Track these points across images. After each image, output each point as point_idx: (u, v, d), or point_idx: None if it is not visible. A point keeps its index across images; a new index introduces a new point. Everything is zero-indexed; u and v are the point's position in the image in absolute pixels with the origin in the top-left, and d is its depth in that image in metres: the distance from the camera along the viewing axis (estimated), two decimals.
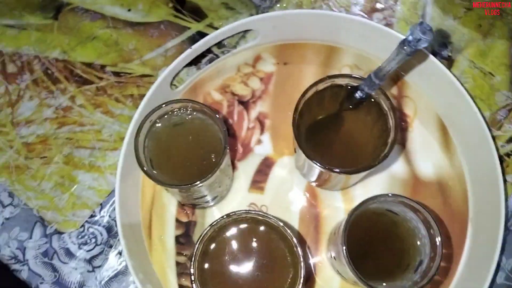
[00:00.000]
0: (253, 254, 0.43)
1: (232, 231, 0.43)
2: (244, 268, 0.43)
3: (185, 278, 0.52)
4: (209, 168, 0.41)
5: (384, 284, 0.42)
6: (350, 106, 0.46)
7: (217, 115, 0.43)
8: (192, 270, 0.40)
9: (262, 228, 0.43)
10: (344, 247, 0.39)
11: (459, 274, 0.50)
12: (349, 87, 0.45)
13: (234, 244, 0.43)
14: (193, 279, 0.39)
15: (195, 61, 0.58)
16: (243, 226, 0.43)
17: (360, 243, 0.44)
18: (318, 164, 0.42)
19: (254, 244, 0.43)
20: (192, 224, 0.53)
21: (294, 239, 0.40)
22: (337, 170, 0.42)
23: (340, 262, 0.44)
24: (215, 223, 0.41)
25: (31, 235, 0.54)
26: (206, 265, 0.42)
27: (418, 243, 0.43)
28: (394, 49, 0.39)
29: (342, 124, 0.47)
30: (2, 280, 0.54)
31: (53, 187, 0.55)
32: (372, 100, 0.45)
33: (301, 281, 0.39)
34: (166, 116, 0.45)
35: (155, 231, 0.53)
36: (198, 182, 0.41)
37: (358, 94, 0.44)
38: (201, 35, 0.60)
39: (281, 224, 0.40)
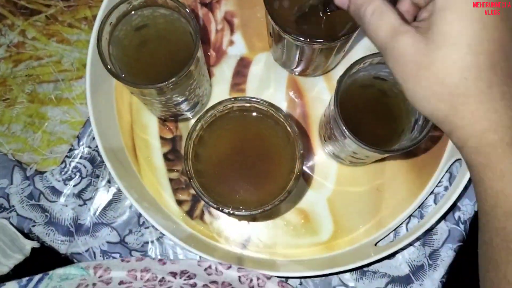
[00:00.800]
0: (246, 143, 0.41)
1: (221, 122, 0.41)
2: (240, 159, 0.41)
3: (181, 193, 0.50)
4: (184, 64, 0.38)
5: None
6: None
7: (183, 7, 0.39)
8: (187, 168, 0.38)
9: (251, 115, 0.41)
10: (337, 109, 0.37)
11: None
12: None
13: (226, 136, 0.41)
14: (189, 176, 0.37)
15: None
16: (231, 116, 0.41)
17: (353, 117, 0.42)
18: (294, 37, 0.39)
19: (247, 133, 0.41)
20: (177, 138, 0.51)
21: (287, 119, 0.38)
22: (317, 40, 0.39)
23: (335, 141, 0.43)
24: (202, 115, 0.38)
25: (11, 181, 0.51)
26: (200, 163, 0.40)
27: (410, 105, 0.42)
28: None
29: None
30: None
31: (23, 128, 0.52)
32: None
33: (300, 160, 0.38)
34: (126, 18, 0.41)
35: (141, 153, 0.51)
36: (175, 79, 0.38)
37: None
38: None
39: (271, 107, 0.38)
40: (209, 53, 0.53)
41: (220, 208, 0.37)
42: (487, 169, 0.26)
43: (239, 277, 0.46)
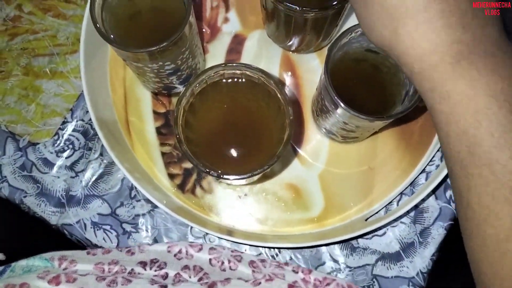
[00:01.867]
0: (236, 112, 0.41)
1: (212, 90, 0.41)
2: (230, 126, 0.41)
3: (173, 167, 0.50)
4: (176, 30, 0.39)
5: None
6: None
7: None
8: (177, 132, 0.38)
9: (242, 82, 0.41)
10: (327, 76, 0.37)
11: None
12: None
13: (216, 105, 0.41)
14: (180, 139, 0.37)
15: None
16: (221, 84, 0.41)
17: (344, 90, 0.42)
18: (287, 6, 0.39)
19: (237, 100, 0.41)
20: (171, 113, 0.51)
21: (278, 85, 0.38)
22: (309, 9, 0.40)
23: (327, 112, 0.43)
24: (192, 80, 0.38)
25: (4, 151, 0.51)
26: (190, 130, 0.40)
27: (402, 77, 0.42)
28: None
29: None
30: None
31: (17, 100, 0.52)
32: None
33: (290, 127, 0.38)
34: None
35: (134, 126, 0.51)
36: (166, 43, 0.38)
37: None
38: None
39: (262, 73, 0.39)
40: (204, 30, 0.53)
41: (210, 171, 0.37)
42: (434, 93, 0.26)
43: (210, 259, 0.45)
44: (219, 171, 0.37)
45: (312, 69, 0.51)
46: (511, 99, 0.24)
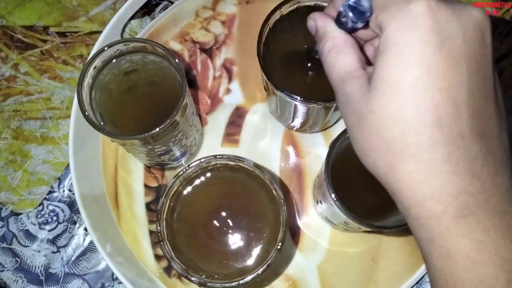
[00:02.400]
0: (228, 205, 0.38)
1: (202, 181, 0.38)
2: (220, 222, 0.38)
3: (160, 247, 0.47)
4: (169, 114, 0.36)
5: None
6: None
7: (172, 57, 0.37)
8: (159, 228, 0.34)
9: (236, 174, 0.38)
10: (327, 176, 0.34)
11: None
12: (318, 7, 0.39)
13: (206, 196, 0.38)
14: (161, 238, 0.34)
15: (149, 12, 0.52)
16: (213, 174, 0.38)
17: (345, 185, 0.39)
18: (288, 95, 0.36)
19: (229, 193, 0.38)
20: (163, 188, 0.48)
21: (273, 183, 0.35)
22: (312, 100, 0.37)
23: (328, 205, 0.40)
24: (180, 172, 0.35)
25: None
26: (176, 223, 0.37)
27: None
28: None
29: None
30: None
31: (3, 165, 0.49)
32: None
33: (284, 230, 0.35)
34: (114, 62, 0.39)
35: (123, 200, 0.48)
36: (156, 130, 0.35)
37: None
38: None
39: (255, 166, 0.35)
40: (204, 101, 0.50)
41: (189, 276, 0.33)
42: (432, 246, 0.22)
43: None
44: (202, 276, 0.34)
45: (316, 150, 0.48)
46: None
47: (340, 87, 0.25)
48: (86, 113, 0.35)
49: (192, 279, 0.33)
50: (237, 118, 0.50)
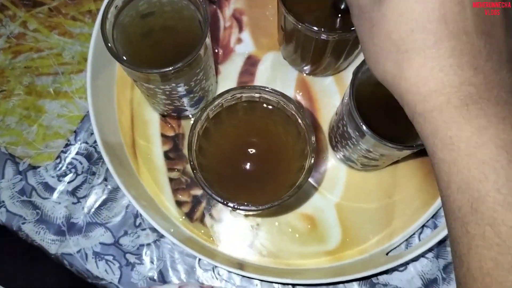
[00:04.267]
0: (254, 138, 0.38)
1: (228, 115, 0.38)
2: (246, 154, 0.39)
3: (181, 194, 0.47)
4: (190, 52, 0.36)
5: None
6: None
7: None
8: (191, 159, 0.35)
9: (261, 107, 0.39)
10: (353, 102, 0.35)
11: None
12: None
13: (232, 130, 0.39)
14: (193, 167, 0.35)
15: None
16: (239, 107, 0.38)
17: (367, 115, 0.40)
18: (308, 27, 0.37)
19: (254, 127, 0.39)
20: (180, 136, 0.49)
21: (299, 110, 0.36)
22: (332, 30, 0.37)
23: (348, 139, 0.41)
24: (208, 104, 0.36)
25: (3, 175, 0.48)
26: (204, 158, 0.38)
27: None
28: None
29: None
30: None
31: (18, 120, 0.49)
32: None
33: (312, 154, 0.35)
34: (133, 2, 0.39)
35: (140, 150, 0.48)
36: (181, 64, 0.36)
37: None
38: None
39: (281, 97, 0.36)
40: (216, 50, 0.51)
41: (226, 202, 0.34)
42: (436, 138, 0.23)
43: None
44: (236, 203, 0.34)
45: (329, 93, 0.49)
46: None
47: (355, 1, 0.26)
48: (109, 44, 0.35)
49: (229, 204, 0.34)
50: (249, 67, 0.50)
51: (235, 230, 0.46)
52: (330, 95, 0.49)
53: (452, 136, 0.22)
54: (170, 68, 0.36)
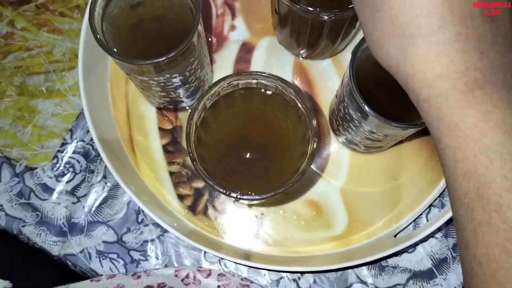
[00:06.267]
0: (253, 126, 0.38)
1: (225, 103, 0.37)
2: (245, 142, 0.38)
3: (182, 187, 0.46)
4: (183, 41, 0.35)
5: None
6: None
7: None
8: (189, 150, 0.34)
9: (259, 93, 0.38)
10: (353, 82, 0.34)
11: None
12: None
13: (230, 119, 0.38)
14: (192, 159, 0.34)
15: None
16: (236, 95, 0.37)
17: (370, 96, 0.39)
18: (304, 8, 0.36)
19: (253, 114, 0.38)
20: (177, 129, 0.48)
21: (298, 94, 0.35)
22: (328, 10, 0.36)
23: (350, 122, 0.40)
24: (204, 93, 0.35)
25: None
26: (203, 148, 0.37)
27: None
28: None
29: None
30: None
31: (12, 122, 0.48)
32: None
33: (315, 139, 0.34)
34: None
35: (138, 145, 0.47)
36: (174, 53, 0.35)
37: None
38: None
39: (279, 81, 0.35)
40: (210, 39, 0.50)
41: (228, 193, 0.33)
42: (441, 124, 0.22)
43: (218, 286, 0.42)
44: (238, 192, 0.34)
45: (327, 76, 0.48)
46: None
47: None
48: (98, 36, 0.34)
49: (232, 194, 0.33)
50: (244, 54, 0.49)
51: (240, 220, 0.46)
52: (329, 78, 0.48)
53: (458, 121, 0.22)
54: (164, 58, 0.35)
